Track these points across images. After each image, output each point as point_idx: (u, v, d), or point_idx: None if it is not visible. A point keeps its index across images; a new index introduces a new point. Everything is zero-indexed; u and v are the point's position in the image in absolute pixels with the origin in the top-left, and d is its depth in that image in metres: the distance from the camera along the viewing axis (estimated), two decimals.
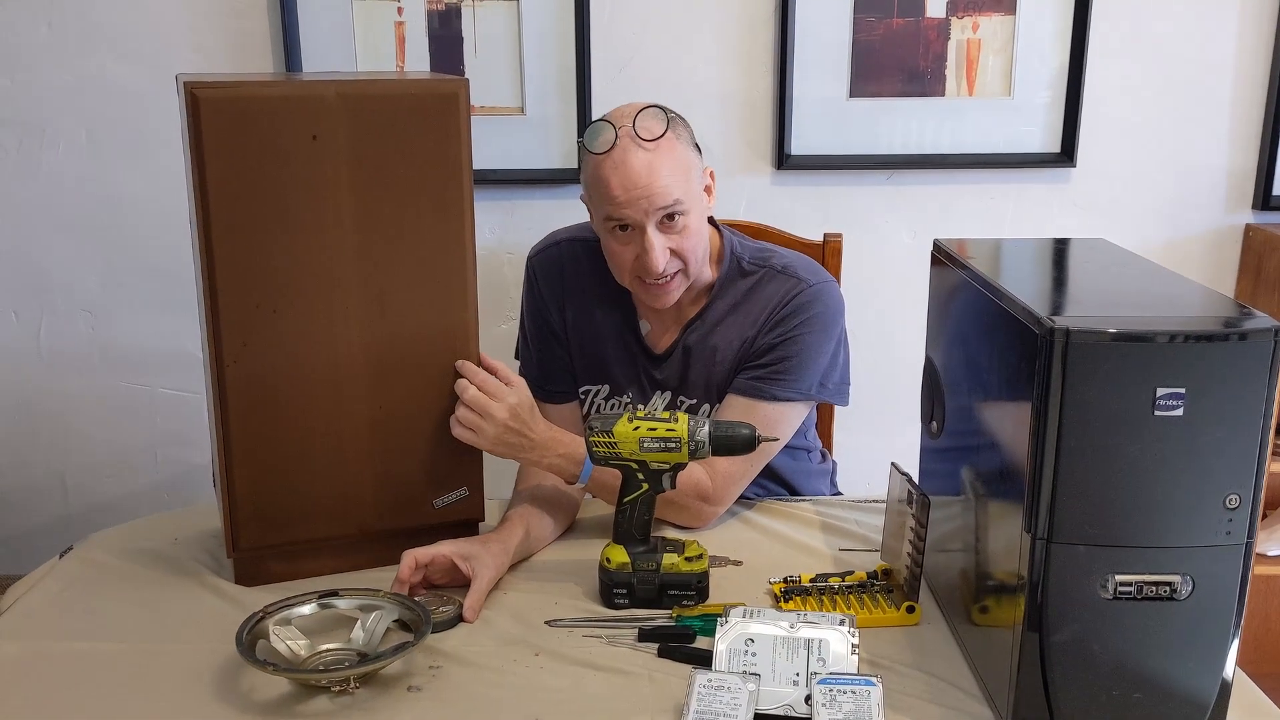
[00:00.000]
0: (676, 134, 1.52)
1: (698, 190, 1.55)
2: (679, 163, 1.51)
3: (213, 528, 1.54)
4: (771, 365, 1.58)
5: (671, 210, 1.50)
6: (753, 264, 1.64)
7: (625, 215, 1.50)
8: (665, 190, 1.49)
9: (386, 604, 1.29)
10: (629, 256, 1.54)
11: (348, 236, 1.36)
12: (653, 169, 1.48)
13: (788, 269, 1.62)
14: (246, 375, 1.36)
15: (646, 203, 1.49)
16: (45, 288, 2.38)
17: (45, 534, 2.50)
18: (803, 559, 1.50)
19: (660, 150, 1.49)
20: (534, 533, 1.49)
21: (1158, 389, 0.99)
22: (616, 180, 1.49)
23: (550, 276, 1.69)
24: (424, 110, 1.35)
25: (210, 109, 1.27)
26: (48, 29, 2.24)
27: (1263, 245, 2.35)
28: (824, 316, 1.59)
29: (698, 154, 1.58)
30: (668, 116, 1.52)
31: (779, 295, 1.60)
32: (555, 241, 1.71)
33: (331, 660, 1.24)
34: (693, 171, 1.54)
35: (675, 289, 1.58)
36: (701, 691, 1.13)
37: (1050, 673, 1.07)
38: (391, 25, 2.24)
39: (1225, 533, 1.03)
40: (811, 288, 1.60)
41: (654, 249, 1.51)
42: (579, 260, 1.68)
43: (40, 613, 1.37)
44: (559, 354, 1.70)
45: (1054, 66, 2.31)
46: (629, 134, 1.49)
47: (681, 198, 1.50)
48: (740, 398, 1.59)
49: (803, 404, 1.62)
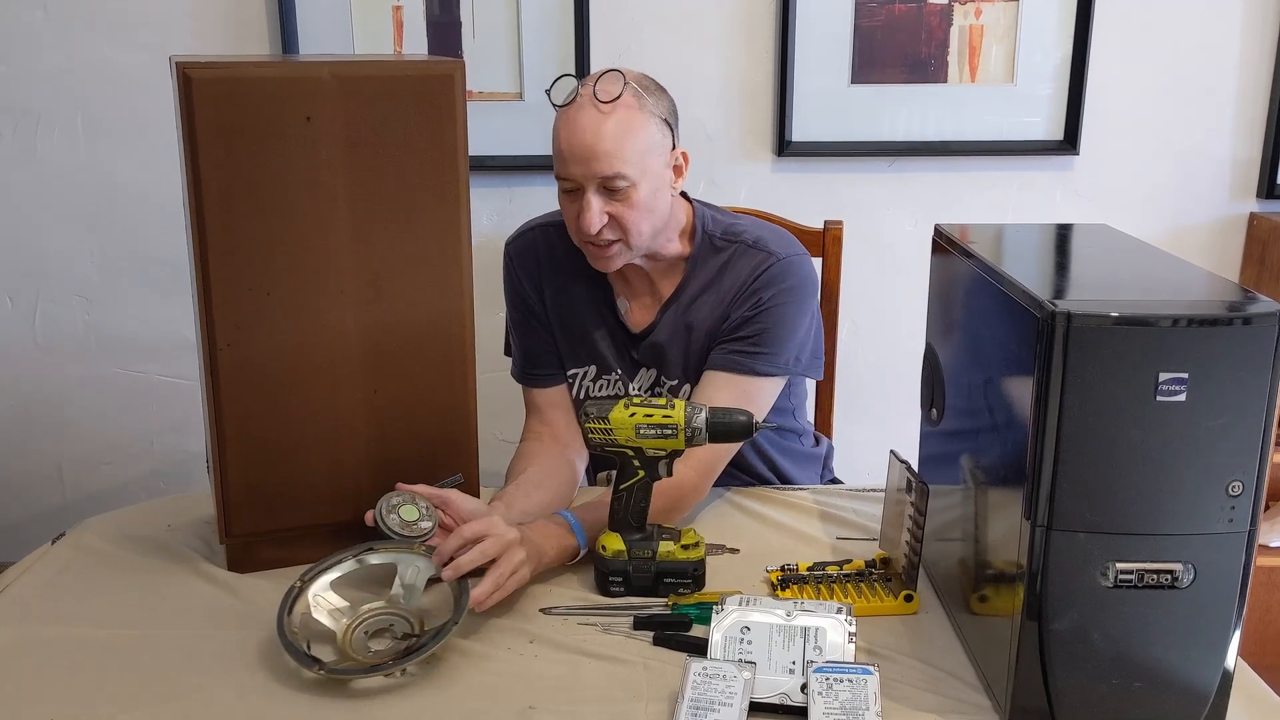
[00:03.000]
0: (639, 103, 1.50)
1: (654, 166, 1.52)
2: (631, 131, 1.48)
3: (207, 514, 1.53)
4: (748, 338, 1.58)
5: (613, 181, 1.48)
6: (724, 239, 1.63)
7: (569, 173, 1.50)
8: (607, 156, 1.47)
9: (421, 557, 1.30)
10: (573, 215, 1.53)
11: (342, 220, 1.35)
12: (600, 133, 1.46)
13: (759, 243, 1.61)
14: (240, 360, 1.34)
15: (587, 166, 1.47)
16: (40, 274, 2.37)
17: (41, 521, 2.49)
18: (800, 547, 1.49)
19: (613, 115, 1.47)
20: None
21: (1160, 374, 0.98)
22: (564, 135, 1.49)
23: (526, 261, 1.69)
24: (419, 92, 1.34)
25: (203, 90, 1.26)
26: (43, 13, 2.23)
27: (1267, 234, 2.33)
28: (797, 289, 1.59)
29: (667, 129, 1.54)
30: (629, 83, 1.49)
31: (750, 268, 1.59)
32: (530, 228, 1.72)
33: (374, 623, 1.26)
34: (649, 145, 1.50)
35: (613, 256, 1.55)
36: (697, 680, 1.12)
37: (1049, 662, 1.06)
38: (389, 10, 2.22)
39: (1228, 520, 1.01)
40: (782, 261, 1.59)
41: (588, 209, 1.49)
42: (553, 244, 1.67)
43: (32, 599, 1.36)
44: (543, 337, 1.69)
45: (1057, 54, 2.29)
46: (588, 92, 1.48)
47: (625, 171, 1.48)
48: (719, 373, 1.58)
49: (780, 378, 1.62)
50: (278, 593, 1.35)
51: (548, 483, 1.55)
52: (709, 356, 1.60)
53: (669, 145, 1.56)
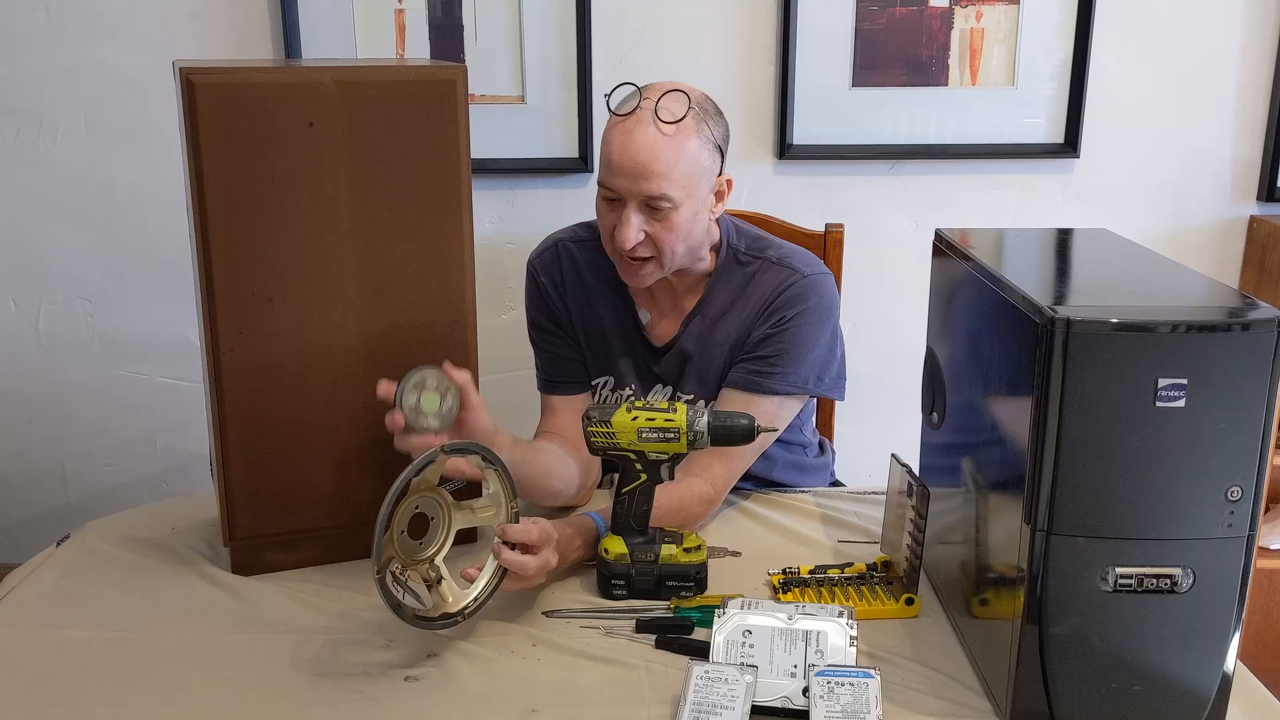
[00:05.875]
0: (698, 129, 1.49)
1: (699, 191, 1.52)
2: (685, 156, 1.48)
3: (210, 517, 1.53)
4: (767, 357, 1.57)
5: (657, 201, 1.48)
6: (749, 254, 1.63)
7: (614, 184, 1.50)
8: (657, 178, 1.47)
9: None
10: (610, 225, 1.53)
11: (345, 224, 1.35)
12: (655, 152, 1.46)
13: (783, 260, 1.61)
14: (243, 364, 1.35)
15: (634, 182, 1.47)
16: (44, 276, 2.38)
17: (45, 523, 2.50)
18: (802, 550, 1.50)
19: (674, 137, 1.47)
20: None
21: (1159, 379, 0.98)
22: (617, 146, 1.48)
23: (552, 273, 1.69)
24: (422, 97, 1.34)
25: (206, 95, 1.26)
26: (45, 15, 2.23)
27: (1267, 237, 2.34)
28: (819, 308, 1.58)
29: (718, 155, 1.54)
30: (693, 106, 1.49)
31: (773, 286, 1.59)
32: (553, 242, 1.71)
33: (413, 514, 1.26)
34: (698, 171, 1.51)
35: (646, 273, 1.56)
36: (699, 683, 1.12)
37: (1049, 666, 1.07)
38: (391, 13, 2.23)
39: (1227, 525, 1.02)
40: (806, 279, 1.59)
41: (627, 225, 1.49)
42: (575, 258, 1.68)
43: (36, 601, 1.37)
44: (570, 347, 1.69)
45: (1058, 56, 2.29)
46: (650, 107, 1.48)
47: (672, 194, 1.48)
48: (737, 392, 1.58)
49: (799, 397, 1.61)
50: (281, 595, 1.37)
51: (551, 449, 1.56)
52: (728, 374, 1.60)
53: (717, 171, 1.55)
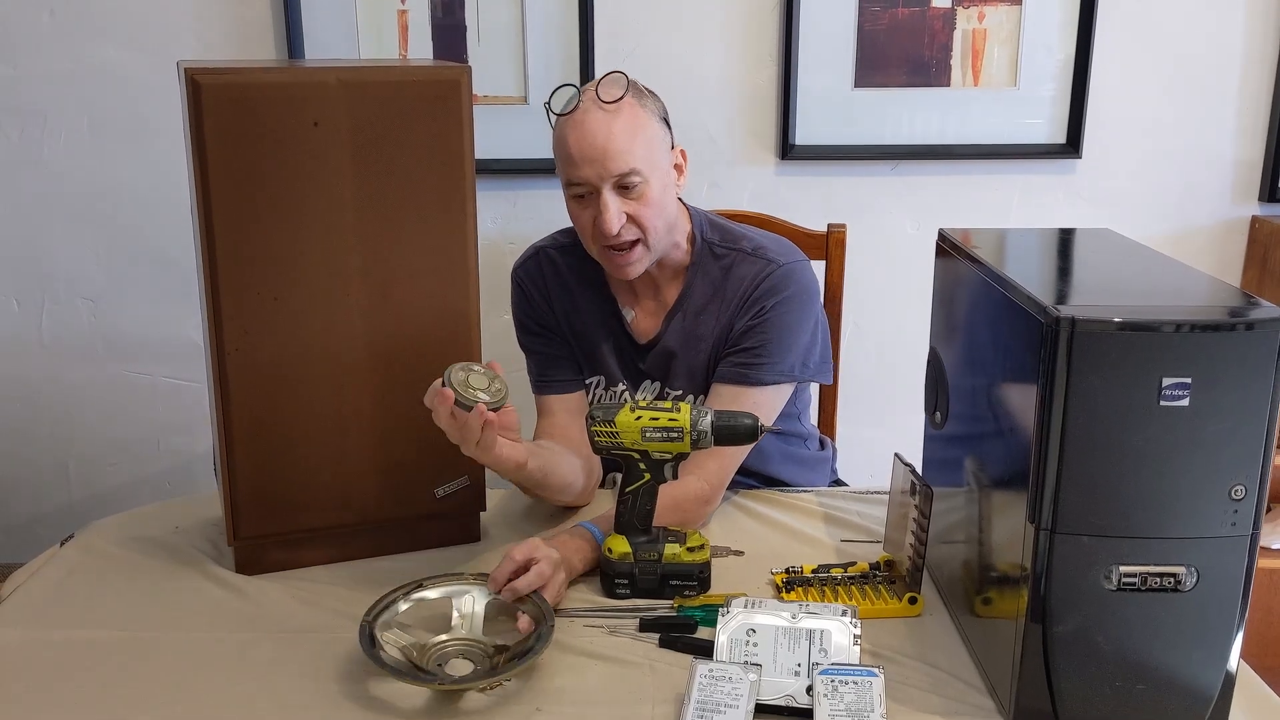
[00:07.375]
0: (640, 102, 1.53)
1: (661, 163, 1.55)
2: (639, 129, 1.50)
3: (214, 516, 1.53)
4: (751, 349, 1.58)
5: (627, 178, 1.50)
6: (723, 247, 1.64)
7: (582, 176, 1.50)
8: (620, 154, 1.48)
9: (473, 586, 1.30)
10: (588, 221, 1.54)
11: (349, 224, 1.35)
12: (610, 132, 1.48)
13: (758, 251, 1.62)
14: (247, 363, 1.35)
15: (601, 166, 1.49)
16: (47, 276, 2.38)
17: (48, 522, 2.50)
18: (805, 550, 1.50)
19: (620, 114, 1.49)
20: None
21: (1163, 379, 0.98)
22: (574, 139, 1.50)
23: (535, 280, 1.71)
24: (426, 97, 1.34)
25: (211, 95, 1.26)
26: (49, 16, 2.24)
27: (1269, 237, 2.34)
28: (798, 295, 1.60)
29: (666, 129, 1.57)
30: (630, 84, 1.52)
31: (750, 277, 1.60)
32: (535, 250, 1.73)
33: (446, 654, 1.23)
34: (655, 142, 1.53)
35: (636, 259, 1.57)
36: (703, 682, 1.12)
37: (1053, 664, 1.07)
38: (394, 13, 2.23)
39: (1230, 524, 1.02)
40: (782, 268, 1.60)
41: (607, 210, 1.50)
42: (557, 263, 1.70)
43: (40, 601, 1.37)
44: (560, 345, 1.70)
45: (1060, 57, 2.30)
46: (591, 96, 1.50)
47: (639, 167, 1.50)
48: (727, 386, 1.59)
49: (787, 385, 1.63)
50: (286, 595, 1.37)
51: (557, 449, 1.56)
52: (716, 369, 1.61)
53: (669, 144, 1.58)
